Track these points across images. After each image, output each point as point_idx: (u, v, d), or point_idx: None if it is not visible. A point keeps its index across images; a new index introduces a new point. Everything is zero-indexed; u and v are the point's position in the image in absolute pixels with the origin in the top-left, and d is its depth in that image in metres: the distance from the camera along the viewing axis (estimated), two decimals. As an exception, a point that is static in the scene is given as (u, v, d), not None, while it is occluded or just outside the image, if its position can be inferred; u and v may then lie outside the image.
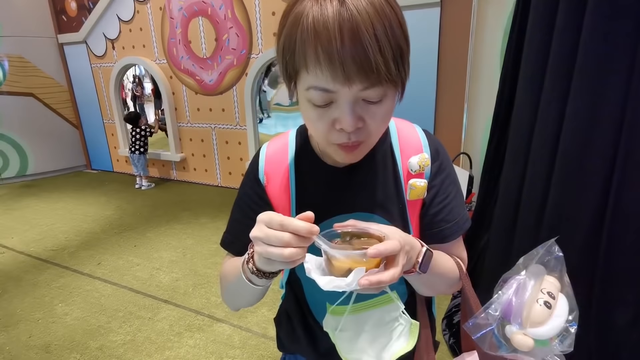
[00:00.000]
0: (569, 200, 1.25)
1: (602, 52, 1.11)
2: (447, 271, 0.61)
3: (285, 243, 0.43)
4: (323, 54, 0.44)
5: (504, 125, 1.72)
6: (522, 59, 1.48)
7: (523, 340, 0.52)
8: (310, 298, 0.70)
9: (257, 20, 3.75)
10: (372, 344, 0.62)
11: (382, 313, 0.63)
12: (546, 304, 0.53)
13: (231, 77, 4.09)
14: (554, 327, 0.52)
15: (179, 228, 3.43)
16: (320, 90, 0.47)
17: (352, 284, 0.43)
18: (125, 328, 2.10)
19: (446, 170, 0.64)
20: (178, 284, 2.53)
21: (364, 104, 0.49)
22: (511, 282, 0.57)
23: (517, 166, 1.49)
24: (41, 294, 2.47)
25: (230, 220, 0.69)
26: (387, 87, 0.48)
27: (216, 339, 1.99)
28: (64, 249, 3.10)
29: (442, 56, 3.03)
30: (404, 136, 0.65)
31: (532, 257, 0.58)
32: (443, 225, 0.62)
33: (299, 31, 0.45)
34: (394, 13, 0.46)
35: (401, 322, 0.61)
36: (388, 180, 0.63)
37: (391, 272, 0.44)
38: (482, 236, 1.90)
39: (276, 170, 0.65)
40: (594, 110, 1.15)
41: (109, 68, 4.92)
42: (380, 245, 0.43)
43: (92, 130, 5.51)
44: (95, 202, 4.24)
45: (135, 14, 4.44)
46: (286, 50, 0.49)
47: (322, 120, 0.50)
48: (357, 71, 0.44)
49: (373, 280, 0.43)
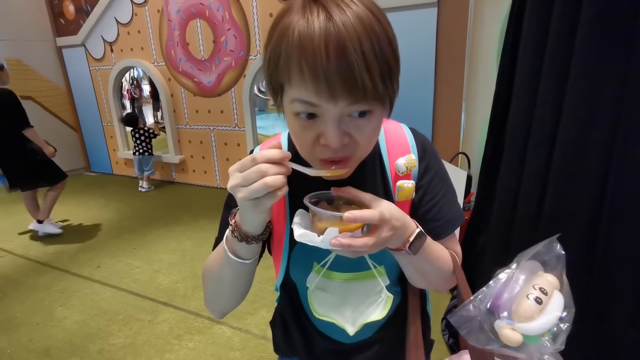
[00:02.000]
0: (566, 199, 1.25)
1: (597, 51, 1.11)
2: (440, 259, 0.60)
3: (263, 173, 0.45)
4: (308, 69, 0.43)
5: (501, 124, 1.72)
6: (518, 58, 1.48)
7: (511, 335, 0.50)
8: (304, 301, 0.70)
9: (255, 22, 3.75)
10: (350, 310, 0.65)
11: (368, 286, 0.64)
12: (537, 300, 0.52)
13: (229, 79, 4.09)
14: (544, 324, 0.51)
15: (178, 230, 3.43)
16: (305, 103, 0.46)
17: (324, 241, 0.45)
18: (125, 331, 2.10)
19: (434, 169, 0.64)
20: (177, 286, 2.53)
21: (350, 119, 0.48)
22: (499, 276, 0.55)
23: (515, 165, 1.49)
24: (41, 298, 2.47)
25: (221, 222, 0.70)
26: (374, 104, 0.47)
27: (216, 341, 1.99)
28: (63, 252, 3.11)
29: (440, 56, 3.03)
30: (391, 137, 0.64)
31: (529, 252, 0.57)
32: (432, 225, 0.62)
33: (284, 44, 0.45)
34: (383, 30, 0.45)
35: (382, 295, 0.64)
36: (376, 182, 0.63)
37: (364, 240, 0.45)
38: (481, 235, 1.90)
39: None
40: (590, 109, 1.15)
41: (107, 71, 4.92)
42: (358, 212, 0.44)
43: (91, 133, 5.51)
44: (94, 204, 4.24)
45: (133, 17, 4.44)
46: (272, 63, 0.48)
47: (307, 134, 0.49)
48: (343, 87, 0.43)
49: (344, 242, 0.44)
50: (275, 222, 0.65)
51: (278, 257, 0.66)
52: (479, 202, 1.98)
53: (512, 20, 1.58)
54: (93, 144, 5.57)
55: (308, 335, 0.72)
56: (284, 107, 0.51)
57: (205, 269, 0.65)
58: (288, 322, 0.74)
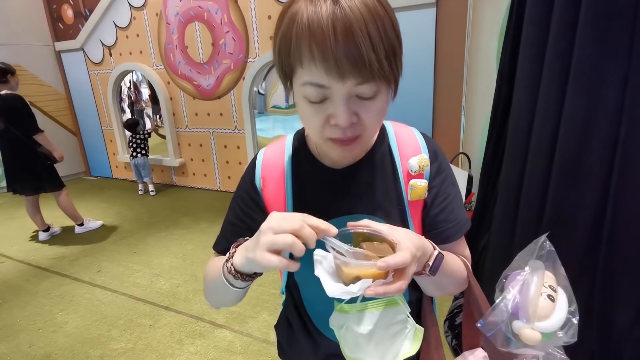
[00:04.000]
0: (568, 199, 1.24)
1: (598, 50, 1.10)
2: (456, 272, 0.61)
3: (297, 230, 0.45)
4: (317, 51, 0.45)
5: (501, 124, 1.72)
6: (518, 58, 1.47)
7: (531, 335, 0.54)
8: (307, 304, 0.70)
9: (254, 24, 3.75)
10: (377, 345, 0.61)
11: (388, 315, 0.62)
12: (550, 297, 0.55)
13: (229, 81, 4.09)
14: (558, 319, 0.55)
15: (178, 233, 3.43)
16: (315, 85, 0.48)
17: (357, 293, 0.44)
18: (126, 336, 2.10)
19: (445, 171, 0.65)
20: (178, 290, 2.53)
21: (358, 100, 0.50)
22: (517, 279, 0.59)
23: (516, 165, 1.48)
24: (41, 303, 2.46)
25: (224, 222, 0.70)
26: (380, 83, 0.49)
27: (217, 345, 1.98)
28: (63, 257, 3.10)
29: (439, 56, 3.03)
30: (401, 138, 0.65)
31: (528, 253, 0.61)
32: (445, 226, 0.63)
33: (294, 30, 0.47)
34: (387, 14, 0.48)
35: (407, 325, 0.61)
36: (387, 181, 0.63)
37: (398, 285, 0.45)
38: (483, 235, 1.90)
39: (272, 173, 0.65)
40: (591, 108, 1.14)
41: (106, 75, 4.92)
42: (391, 259, 0.44)
43: (91, 137, 5.50)
44: (94, 208, 4.23)
45: (132, 20, 4.45)
46: (282, 50, 0.50)
47: (317, 116, 0.51)
48: (351, 67, 0.45)
49: (379, 292, 0.44)
50: None
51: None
52: (480, 202, 1.98)
53: (511, 19, 1.58)
54: (92, 148, 5.57)
55: (313, 339, 0.71)
56: (294, 92, 0.53)
57: (205, 274, 0.65)
58: (294, 326, 0.73)
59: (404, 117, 0.67)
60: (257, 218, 0.64)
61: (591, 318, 1.21)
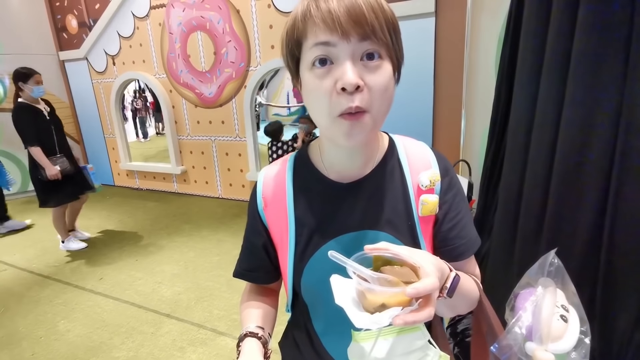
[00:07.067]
0: (568, 205, 1.25)
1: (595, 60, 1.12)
2: (470, 292, 0.60)
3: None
4: (322, 14, 0.50)
5: (501, 131, 1.73)
6: (517, 66, 1.49)
7: (545, 357, 0.54)
8: (317, 327, 0.67)
9: (255, 34, 3.80)
10: None
11: (407, 340, 0.59)
12: (562, 318, 0.55)
13: (230, 90, 4.13)
14: (571, 340, 0.54)
15: (180, 241, 3.43)
16: (321, 44, 0.50)
17: (386, 322, 0.42)
18: (128, 344, 2.09)
19: (456, 187, 0.63)
20: (180, 297, 2.53)
21: (363, 66, 0.51)
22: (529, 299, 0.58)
23: (516, 172, 1.50)
24: (43, 311, 2.46)
25: (241, 248, 0.73)
26: (382, 49, 0.51)
27: (219, 352, 1.98)
28: (65, 264, 3.10)
29: (438, 65, 3.06)
30: (411, 152, 0.64)
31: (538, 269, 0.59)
32: (458, 242, 0.61)
33: (300, 11, 0.52)
34: (387, 5, 0.53)
35: (428, 352, 0.57)
36: (397, 196, 0.61)
37: (427, 312, 0.43)
38: (484, 243, 1.90)
39: (274, 192, 0.64)
40: (589, 115, 1.16)
41: (109, 83, 4.97)
42: (420, 286, 0.42)
43: (94, 145, 5.54)
44: (96, 216, 4.24)
45: (135, 30, 4.51)
46: (289, 36, 0.54)
47: (324, 84, 0.51)
48: (353, 24, 0.49)
49: (409, 321, 0.42)
50: (279, 242, 0.65)
51: (285, 277, 0.66)
52: (480, 209, 1.98)
53: (509, 27, 1.60)
54: (95, 156, 5.59)
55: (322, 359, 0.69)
56: (301, 75, 0.55)
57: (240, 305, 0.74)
58: (301, 348, 0.70)
59: (405, 125, 0.68)
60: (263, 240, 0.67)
61: (592, 325, 1.21)
